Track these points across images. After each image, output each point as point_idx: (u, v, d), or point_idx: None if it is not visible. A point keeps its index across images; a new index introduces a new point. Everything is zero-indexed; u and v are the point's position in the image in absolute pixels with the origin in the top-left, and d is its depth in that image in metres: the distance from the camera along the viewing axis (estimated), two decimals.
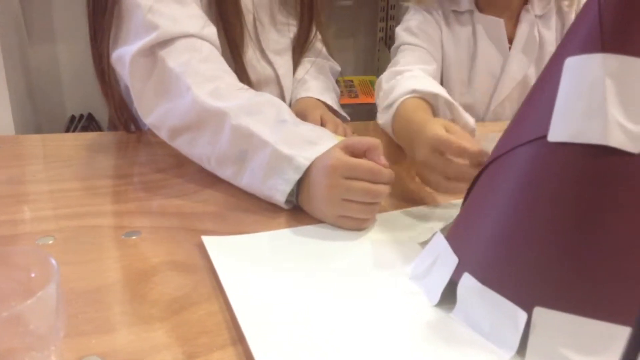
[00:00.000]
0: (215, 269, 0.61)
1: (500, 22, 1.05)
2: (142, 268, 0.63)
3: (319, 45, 1.19)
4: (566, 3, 1.07)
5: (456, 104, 0.86)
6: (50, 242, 0.67)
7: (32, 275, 0.43)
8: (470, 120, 0.86)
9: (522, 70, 1.08)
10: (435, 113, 0.87)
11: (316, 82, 1.12)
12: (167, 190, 0.82)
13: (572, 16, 1.07)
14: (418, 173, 0.78)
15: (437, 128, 0.73)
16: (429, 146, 0.72)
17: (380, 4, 2.47)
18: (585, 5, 0.51)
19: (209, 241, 0.66)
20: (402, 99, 0.87)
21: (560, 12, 1.08)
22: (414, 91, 0.87)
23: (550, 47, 1.06)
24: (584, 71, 0.49)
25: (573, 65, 0.50)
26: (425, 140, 0.73)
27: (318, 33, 1.16)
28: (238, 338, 0.52)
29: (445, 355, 0.50)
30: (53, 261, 0.41)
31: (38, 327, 0.39)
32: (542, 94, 0.53)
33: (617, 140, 0.47)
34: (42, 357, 0.40)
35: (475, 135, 0.86)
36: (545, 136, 0.50)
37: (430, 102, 0.87)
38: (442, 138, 0.71)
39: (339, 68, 1.22)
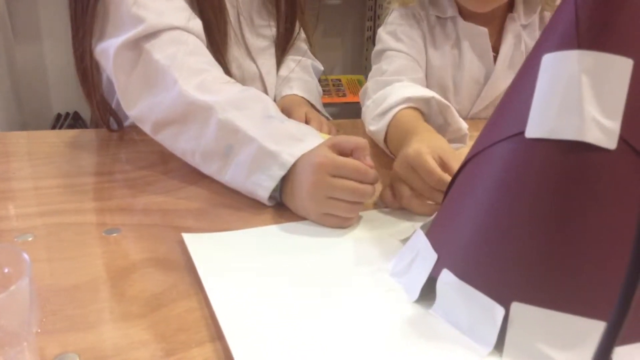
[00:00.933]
0: (195, 265, 0.61)
1: (484, 32, 1.02)
2: (122, 265, 0.63)
3: (302, 44, 1.19)
4: (548, 14, 1.05)
5: (451, 107, 0.85)
6: (30, 239, 0.67)
7: (6, 271, 0.43)
8: (463, 125, 0.86)
9: (507, 82, 1.06)
10: (427, 120, 0.87)
11: (300, 81, 1.12)
12: (149, 187, 0.82)
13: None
14: (390, 183, 0.77)
15: (421, 147, 0.72)
16: (405, 159, 0.72)
17: (368, 3, 2.48)
18: (562, 3, 0.51)
19: (189, 238, 0.66)
20: (396, 109, 0.86)
21: (542, 22, 1.05)
22: (407, 99, 0.86)
23: None
24: (560, 68, 0.49)
25: (550, 61, 0.50)
26: (405, 152, 0.73)
27: (302, 32, 1.16)
28: (217, 335, 0.52)
29: (423, 351, 0.50)
30: (26, 256, 0.41)
31: (10, 322, 0.39)
32: (520, 91, 0.53)
33: (593, 136, 0.47)
34: (15, 353, 0.40)
35: (467, 140, 0.86)
36: (523, 132, 0.50)
37: (423, 110, 0.87)
38: (418, 157, 0.70)
39: (321, 67, 1.22)
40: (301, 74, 1.14)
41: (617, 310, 0.28)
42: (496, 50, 1.05)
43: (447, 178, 0.68)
